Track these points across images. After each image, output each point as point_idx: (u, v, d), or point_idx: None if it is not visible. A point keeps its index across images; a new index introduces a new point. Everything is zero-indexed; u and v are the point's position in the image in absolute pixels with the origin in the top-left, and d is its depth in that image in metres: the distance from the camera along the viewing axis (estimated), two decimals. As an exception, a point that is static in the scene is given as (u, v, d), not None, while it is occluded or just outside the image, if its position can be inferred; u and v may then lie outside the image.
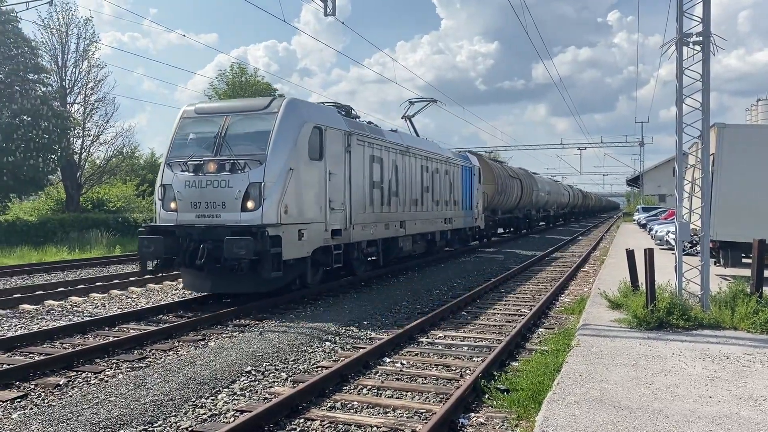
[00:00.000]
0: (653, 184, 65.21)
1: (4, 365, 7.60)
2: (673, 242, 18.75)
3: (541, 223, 48.12)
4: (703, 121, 10.03)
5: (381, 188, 15.76)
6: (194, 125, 12.55)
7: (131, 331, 9.78)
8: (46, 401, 6.46)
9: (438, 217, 20.73)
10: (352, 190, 13.90)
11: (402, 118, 22.74)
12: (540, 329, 10.38)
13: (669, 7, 13.75)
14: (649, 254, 9.58)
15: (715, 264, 15.27)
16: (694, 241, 13.31)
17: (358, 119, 15.76)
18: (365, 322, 10.73)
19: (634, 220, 48.77)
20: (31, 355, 8.38)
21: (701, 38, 9.91)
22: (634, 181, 76.04)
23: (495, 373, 7.37)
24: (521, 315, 11.43)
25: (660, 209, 45.01)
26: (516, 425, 5.85)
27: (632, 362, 7.21)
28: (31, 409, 6.21)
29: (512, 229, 37.64)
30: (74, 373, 7.43)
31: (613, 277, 14.04)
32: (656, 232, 26.34)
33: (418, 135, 21.69)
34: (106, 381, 7.14)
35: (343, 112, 14.96)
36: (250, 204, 11.21)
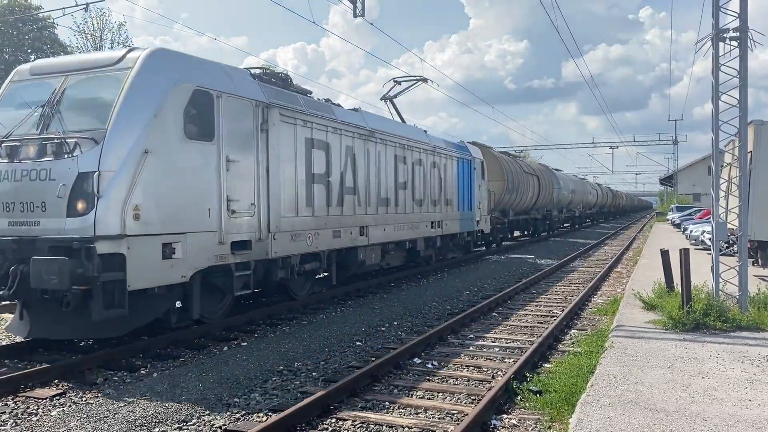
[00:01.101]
0: (687, 182, 63.93)
1: (44, 363, 7.78)
2: (708, 242, 18.35)
3: (565, 225, 44.87)
4: (740, 118, 9.83)
5: (327, 183, 11.89)
6: (25, 90, 8.87)
7: (166, 330, 9.92)
8: (84, 399, 6.59)
9: (421, 220, 16.41)
10: (271, 184, 10.03)
11: (382, 99, 18.59)
12: (573, 330, 10.27)
13: (704, 2, 13.50)
14: (684, 254, 9.40)
15: (753, 264, 14.90)
16: (730, 241, 13.02)
17: (308, 96, 11.91)
18: (395, 323, 10.73)
19: (668, 220, 47.91)
20: (69, 353, 8.56)
21: (738, 33, 9.72)
22: (668, 180, 74.67)
23: (527, 374, 7.30)
24: (553, 316, 11.32)
25: (695, 208, 44.15)
26: (549, 427, 5.79)
27: (668, 364, 7.08)
28: (70, 406, 6.34)
29: (529, 232, 34.08)
30: (111, 372, 7.57)
31: (646, 278, 13.81)
32: (691, 231, 25.84)
33: (403, 120, 17.99)
34: (142, 380, 7.26)
35: (277, 82, 11.14)
36: (80, 205, 7.59)
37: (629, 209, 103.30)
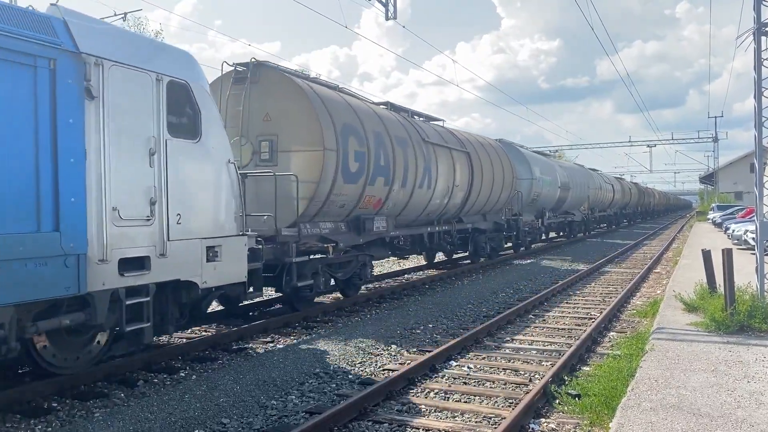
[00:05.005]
0: (729, 181, 62.29)
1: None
2: (752, 242, 17.88)
3: (561, 234, 33.76)
4: (784, 113, 9.56)
5: None
6: None
7: (203, 333, 10.06)
8: (125, 401, 6.71)
9: None
10: None
11: None
12: (611, 332, 10.10)
13: (744, -5, 13.17)
14: (727, 254, 9.18)
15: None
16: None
17: None
18: (430, 325, 10.69)
19: (709, 219, 46.76)
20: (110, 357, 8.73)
21: (781, 27, 9.47)
22: (708, 179, 72.91)
23: (565, 377, 7.20)
24: (591, 318, 11.14)
25: (737, 207, 43.00)
26: (589, 431, 5.69)
27: (711, 367, 6.91)
28: (112, 408, 6.46)
29: (468, 253, 19.70)
30: (151, 374, 7.70)
31: (687, 279, 13.52)
32: (733, 231, 25.15)
33: None
34: (181, 382, 7.37)
35: None
36: None
37: (663, 209, 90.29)
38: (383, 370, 7.91)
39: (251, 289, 9.07)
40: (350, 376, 7.61)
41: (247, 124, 10.91)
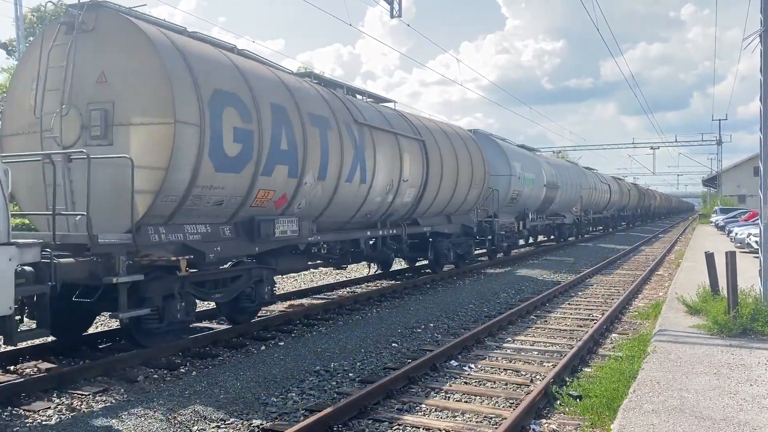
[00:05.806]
0: (732, 184, 62.21)
1: (87, 360, 7.95)
2: (755, 245, 17.83)
3: (549, 238, 30.88)
4: (790, 116, 9.52)
5: None
6: None
7: (204, 329, 10.05)
8: (125, 396, 6.70)
9: None
10: None
11: None
12: (613, 334, 10.07)
13: (751, -2, 13.15)
14: (730, 257, 9.15)
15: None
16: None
17: None
18: (431, 324, 10.67)
19: (711, 222, 46.66)
20: (112, 351, 8.74)
21: (788, 29, 9.43)
22: (711, 182, 72.80)
23: (567, 378, 7.18)
24: (593, 319, 11.12)
25: (740, 210, 42.92)
26: (590, 433, 5.67)
27: (714, 370, 6.88)
28: (112, 403, 6.46)
29: (428, 261, 16.73)
30: (152, 370, 7.69)
31: (690, 282, 13.49)
32: (736, 234, 25.09)
33: None
34: (181, 378, 7.36)
35: None
36: None
37: (665, 211, 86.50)
38: (384, 368, 7.85)
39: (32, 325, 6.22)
40: (351, 375, 7.57)
41: (72, 86, 8.03)
